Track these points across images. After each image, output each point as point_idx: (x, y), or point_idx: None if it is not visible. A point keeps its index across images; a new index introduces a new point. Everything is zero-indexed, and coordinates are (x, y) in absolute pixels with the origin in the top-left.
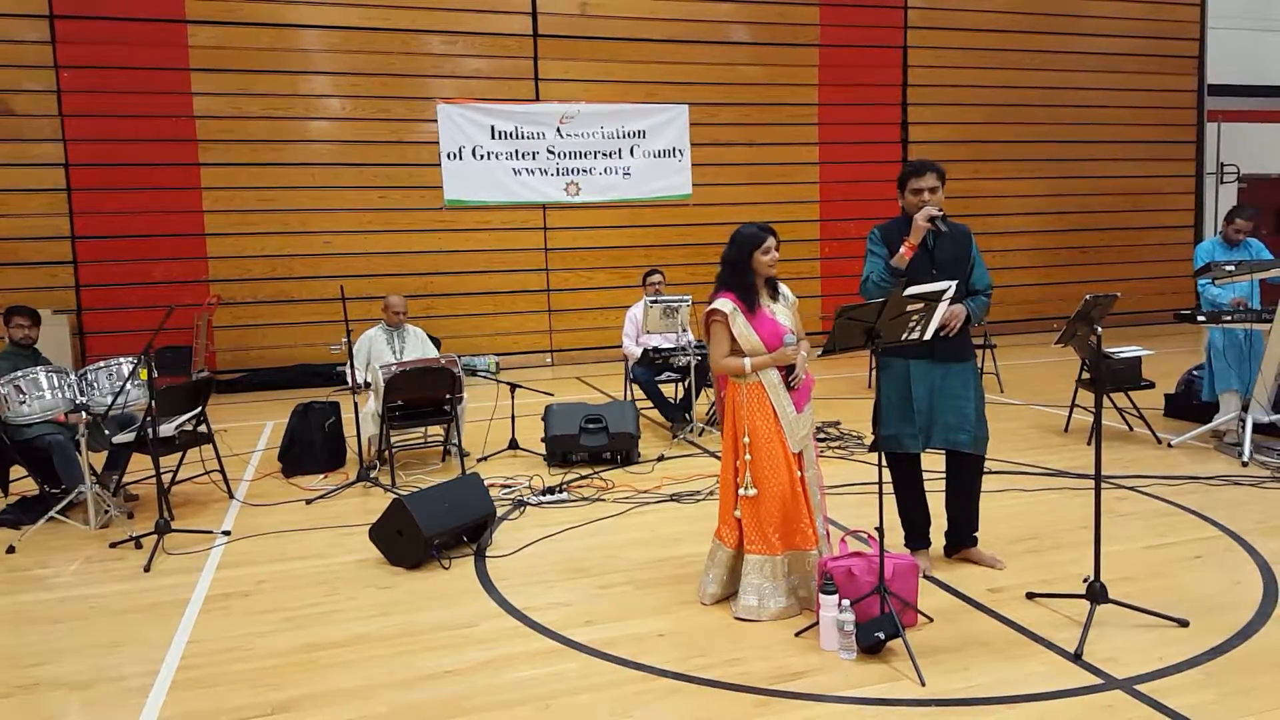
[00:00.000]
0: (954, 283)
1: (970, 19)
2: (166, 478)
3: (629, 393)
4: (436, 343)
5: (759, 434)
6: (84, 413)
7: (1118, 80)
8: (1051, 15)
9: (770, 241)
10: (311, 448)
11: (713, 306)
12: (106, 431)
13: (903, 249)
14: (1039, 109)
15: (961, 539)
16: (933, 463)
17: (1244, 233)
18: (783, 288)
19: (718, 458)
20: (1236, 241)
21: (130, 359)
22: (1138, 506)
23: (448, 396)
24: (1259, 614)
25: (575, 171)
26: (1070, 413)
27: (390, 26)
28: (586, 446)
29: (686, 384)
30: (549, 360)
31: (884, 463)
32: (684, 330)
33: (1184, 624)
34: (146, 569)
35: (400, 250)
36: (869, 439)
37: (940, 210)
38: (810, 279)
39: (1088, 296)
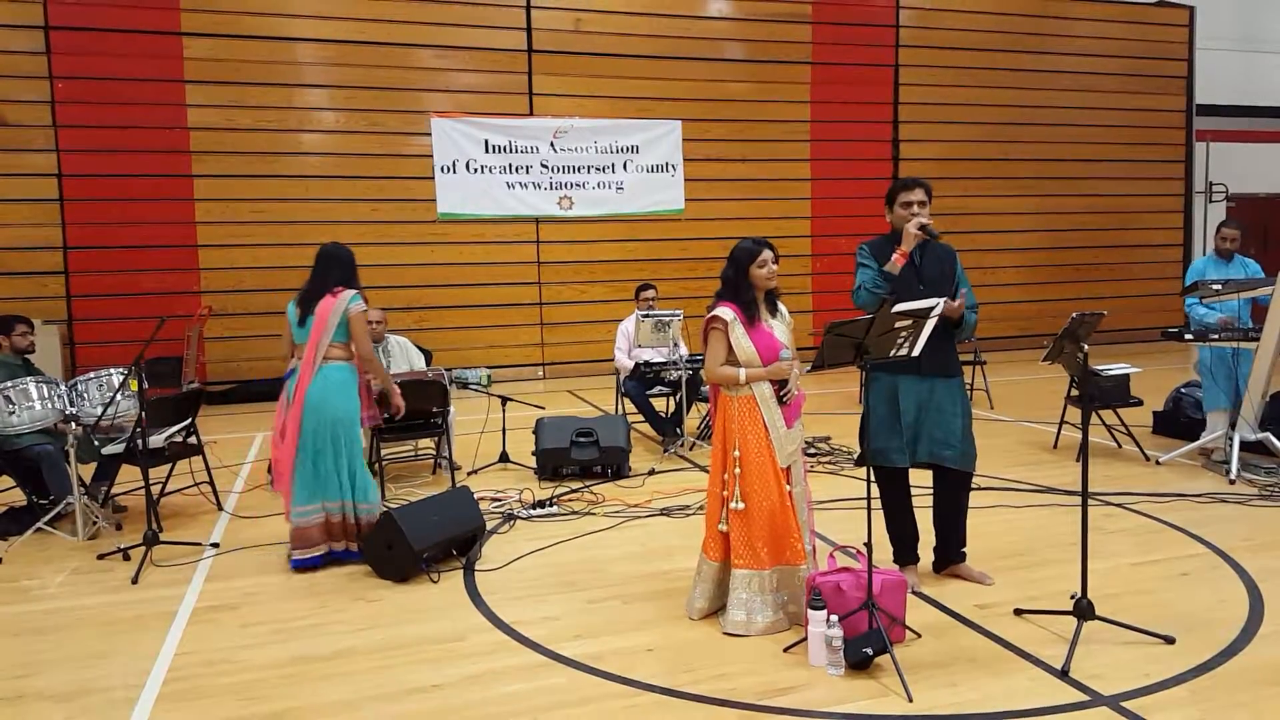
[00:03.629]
0: (943, 300)
1: (961, 38)
2: (155, 489)
3: (620, 406)
4: (428, 355)
5: (749, 448)
6: (73, 423)
7: (1107, 100)
8: (1041, 35)
9: (766, 255)
10: None
11: (714, 314)
12: (96, 442)
13: (895, 256)
14: (1029, 127)
15: (950, 555)
16: (921, 478)
17: (1230, 240)
18: (781, 306)
19: (708, 472)
20: (1229, 253)
21: (121, 370)
22: (1125, 523)
23: (435, 410)
24: (1244, 631)
25: (568, 186)
26: (1059, 429)
27: (384, 40)
28: (577, 460)
29: (678, 398)
30: (540, 374)
31: (872, 478)
32: (676, 344)
33: (1170, 641)
34: (134, 581)
35: (393, 263)
36: (858, 454)
37: (930, 221)
38: (801, 294)
39: (1074, 315)
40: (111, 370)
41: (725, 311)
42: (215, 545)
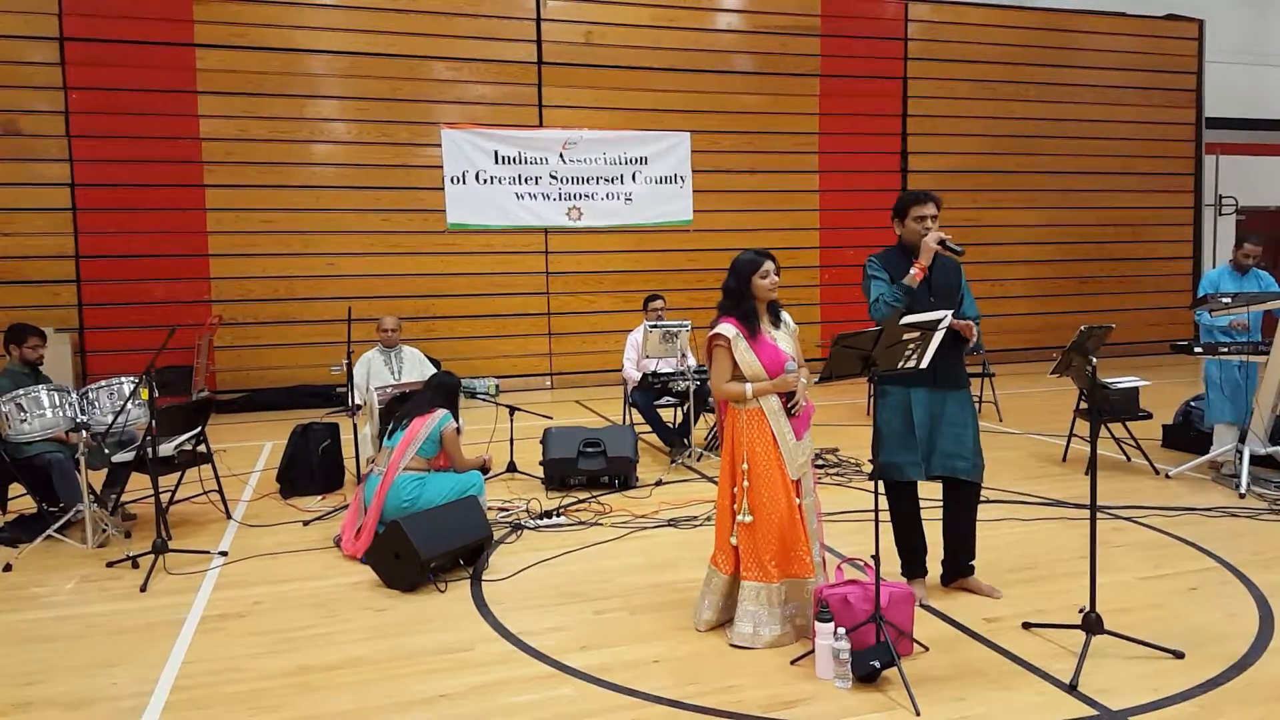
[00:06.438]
0: (949, 312)
1: (969, 51)
2: (165, 497)
3: (628, 417)
4: (437, 365)
5: (758, 460)
6: (84, 431)
7: (1116, 113)
8: (1051, 48)
9: (768, 265)
10: (310, 469)
11: (715, 331)
12: (106, 450)
13: (914, 270)
14: (1038, 140)
15: (958, 568)
16: (929, 491)
17: (1253, 257)
18: (785, 315)
19: (716, 483)
20: (1246, 267)
21: (131, 378)
22: (1134, 537)
23: None
24: (1254, 646)
25: (577, 197)
26: (1068, 442)
27: (396, 52)
28: (584, 470)
29: (685, 409)
30: (549, 383)
31: (880, 490)
32: (684, 355)
33: (1179, 655)
34: (143, 589)
35: (402, 273)
36: (868, 466)
37: (949, 236)
38: (809, 305)
39: (1082, 328)
40: (122, 378)
41: (727, 328)
42: (224, 554)
